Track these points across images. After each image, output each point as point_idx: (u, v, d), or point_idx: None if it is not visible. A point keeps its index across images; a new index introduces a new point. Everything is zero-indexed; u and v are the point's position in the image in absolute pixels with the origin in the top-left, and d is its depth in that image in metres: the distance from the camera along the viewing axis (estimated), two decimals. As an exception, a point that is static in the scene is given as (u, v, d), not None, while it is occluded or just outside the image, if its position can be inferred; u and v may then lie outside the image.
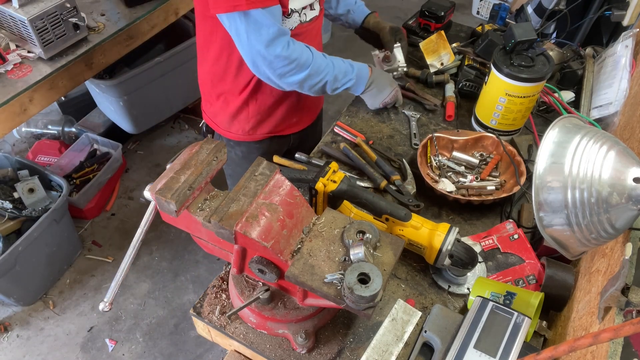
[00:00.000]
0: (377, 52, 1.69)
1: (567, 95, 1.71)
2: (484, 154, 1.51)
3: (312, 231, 0.97)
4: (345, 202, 1.25)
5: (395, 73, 1.69)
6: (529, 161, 1.44)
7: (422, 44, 1.83)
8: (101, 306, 0.96)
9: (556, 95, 1.67)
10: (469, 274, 1.23)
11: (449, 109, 1.69)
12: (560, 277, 1.13)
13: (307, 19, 1.45)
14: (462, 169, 1.48)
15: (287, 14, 1.36)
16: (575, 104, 1.70)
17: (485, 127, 1.59)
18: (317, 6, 1.47)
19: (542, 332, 1.12)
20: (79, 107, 3.04)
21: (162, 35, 2.55)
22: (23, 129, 3.04)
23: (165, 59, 2.61)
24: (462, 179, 1.45)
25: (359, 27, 1.78)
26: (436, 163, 1.48)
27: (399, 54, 1.68)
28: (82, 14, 2.09)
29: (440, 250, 1.15)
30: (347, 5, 1.76)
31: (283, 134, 1.71)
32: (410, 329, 1.13)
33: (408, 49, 1.99)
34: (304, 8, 1.41)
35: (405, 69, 1.71)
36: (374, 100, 1.61)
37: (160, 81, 2.70)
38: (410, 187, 1.42)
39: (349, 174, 1.48)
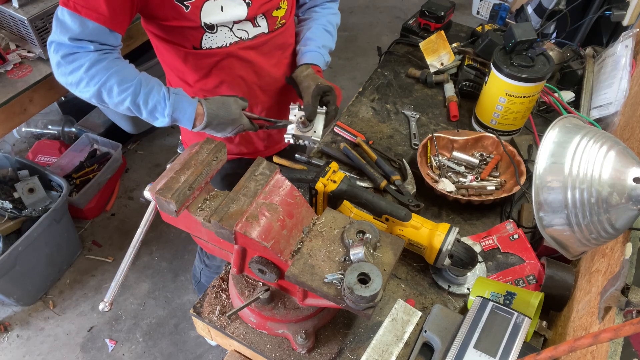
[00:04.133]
0: (296, 109, 1.32)
1: (567, 95, 1.71)
2: (484, 154, 1.51)
3: (312, 231, 0.97)
4: (345, 202, 1.25)
5: (306, 142, 1.32)
6: (529, 161, 1.44)
7: (422, 44, 1.83)
8: (101, 306, 0.96)
9: (556, 95, 1.67)
10: (469, 274, 1.23)
11: (453, 109, 1.69)
12: (560, 277, 1.13)
13: (250, 36, 1.32)
14: (462, 169, 1.48)
15: (201, 33, 1.26)
16: (575, 104, 1.70)
17: (485, 127, 1.59)
18: (262, 22, 1.33)
19: (542, 332, 1.12)
20: (79, 107, 3.03)
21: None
22: (23, 129, 3.04)
23: (165, 59, 2.60)
24: (462, 179, 1.45)
25: (289, 75, 1.46)
26: (436, 163, 1.48)
27: (318, 122, 1.30)
28: (82, 14, 2.09)
29: (440, 250, 1.15)
30: (302, 40, 1.49)
31: (253, 157, 1.57)
32: (410, 329, 1.13)
33: (408, 49, 2.00)
34: (236, 23, 1.28)
35: (316, 145, 1.32)
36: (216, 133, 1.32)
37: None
38: (410, 187, 1.42)
39: (349, 174, 1.48)
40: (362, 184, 1.46)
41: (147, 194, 0.97)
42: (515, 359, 0.92)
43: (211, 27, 1.26)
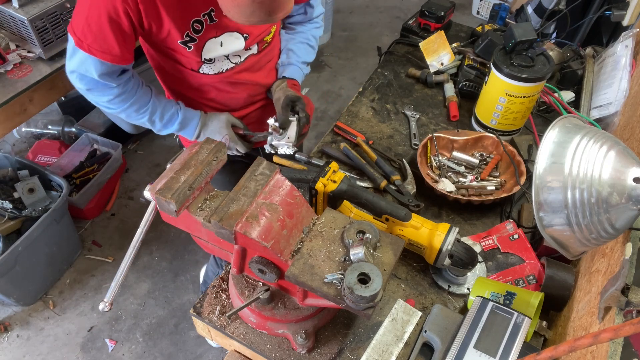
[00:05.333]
0: (272, 120, 1.39)
1: (567, 95, 1.71)
2: (484, 154, 1.51)
3: (312, 231, 0.97)
4: (345, 202, 1.25)
5: (283, 150, 1.40)
6: (529, 161, 1.44)
7: (422, 44, 1.83)
8: (101, 306, 0.96)
9: (556, 95, 1.67)
10: (469, 274, 1.23)
11: (453, 109, 1.69)
12: (560, 277, 1.13)
13: (242, 60, 1.42)
14: (462, 169, 1.48)
15: (199, 64, 1.35)
16: (575, 104, 1.70)
17: (485, 127, 1.59)
18: (253, 46, 1.42)
19: (542, 332, 1.12)
20: (79, 107, 3.03)
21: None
22: (23, 129, 3.03)
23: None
24: (462, 179, 1.45)
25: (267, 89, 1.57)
26: (436, 163, 1.48)
27: (291, 129, 1.38)
28: (82, 14, 2.09)
29: (440, 250, 1.15)
30: (285, 52, 1.57)
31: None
32: (410, 329, 1.13)
33: (408, 49, 2.00)
34: (232, 54, 1.39)
35: (290, 150, 1.39)
36: None
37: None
38: (410, 187, 1.42)
39: (349, 174, 1.48)
40: (362, 184, 1.46)
41: (147, 194, 0.97)
42: (515, 359, 0.92)
43: (210, 60, 1.36)
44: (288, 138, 1.38)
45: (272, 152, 1.41)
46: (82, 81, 1.28)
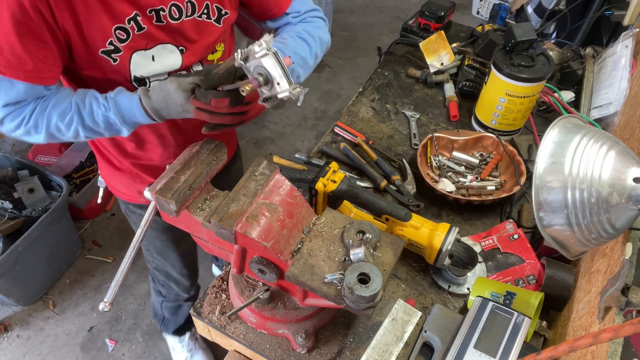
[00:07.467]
0: (239, 55, 0.90)
1: (567, 95, 1.71)
2: (484, 154, 1.51)
3: (312, 231, 0.97)
4: (345, 202, 1.25)
5: (280, 95, 0.91)
6: (529, 161, 1.44)
7: (422, 44, 1.83)
8: (101, 306, 0.96)
9: (556, 95, 1.67)
10: (469, 274, 1.23)
11: (453, 109, 1.69)
12: (560, 277, 1.13)
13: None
14: (462, 169, 1.48)
15: (127, 81, 1.08)
16: (575, 104, 1.70)
17: (485, 127, 1.59)
18: (197, 66, 1.17)
19: (542, 332, 1.12)
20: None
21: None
22: (23, 129, 3.03)
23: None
24: (462, 179, 1.45)
25: None
26: (436, 163, 1.48)
27: (271, 69, 0.88)
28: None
29: (440, 250, 1.15)
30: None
31: None
32: (410, 329, 1.13)
33: (408, 49, 2.00)
34: (170, 73, 1.12)
35: (295, 91, 0.91)
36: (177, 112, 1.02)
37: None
38: (410, 187, 1.42)
39: (349, 174, 1.48)
40: (362, 184, 1.46)
41: (147, 194, 0.97)
42: (515, 359, 0.92)
43: (142, 81, 1.10)
44: (278, 84, 0.90)
45: (268, 106, 0.97)
46: None
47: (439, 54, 1.83)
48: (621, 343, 0.78)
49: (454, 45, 1.87)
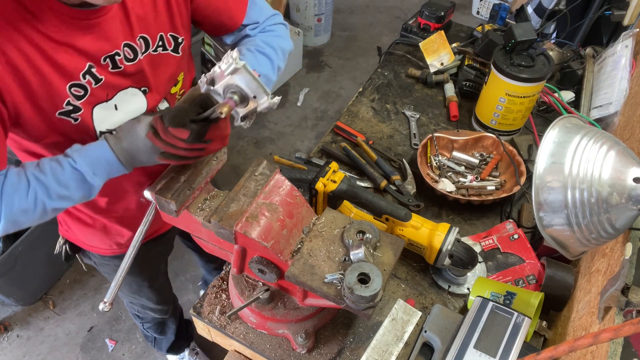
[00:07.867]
0: (203, 79, 0.89)
1: (567, 95, 1.71)
2: (484, 154, 1.51)
3: (312, 231, 0.97)
4: (345, 202, 1.25)
5: (260, 108, 0.90)
6: (529, 161, 1.44)
7: (422, 44, 1.83)
8: (101, 306, 0.96)
9: (556, 95, 1.67)
10: (469, 274, 1.23)
11: (453, 109, 1.69)
12: (560, 277, 1.13)
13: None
14: (462, 169, 1.48)
15: (95, 139, 0.96)
16: (575, 104, 1.70)
17: (485, 127, 1.59)
18: (163, 105, 1.10)
19: (542, 332, 1.12)
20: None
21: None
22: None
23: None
24: (462, 179, 1.45)
25: None
26: (436, 163, 1.48)
27: (243, 83, 0.85)
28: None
29: (440, 250, 1.15)
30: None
31: (158, 233, 1.39)
32: (410, 329, 1.13)
33: (408, 49, 2.00)
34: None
35: (272, 99, 0.88)
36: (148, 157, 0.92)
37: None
38: (410, 187, 1.42)
39: (349, 174, 1.48)
40: (362, 184, 1.46)
41: (147, 194, 0.97)
42: (515, 359, 0.92)
43: (110, 133, 0.97)
44: (255, 97, 0.87)
45: (245, 125, 0.93)
46: None
47: (439, 54, 1.83)
48: (621, 343, 0.78)
49: (454, 45, 1.87)
